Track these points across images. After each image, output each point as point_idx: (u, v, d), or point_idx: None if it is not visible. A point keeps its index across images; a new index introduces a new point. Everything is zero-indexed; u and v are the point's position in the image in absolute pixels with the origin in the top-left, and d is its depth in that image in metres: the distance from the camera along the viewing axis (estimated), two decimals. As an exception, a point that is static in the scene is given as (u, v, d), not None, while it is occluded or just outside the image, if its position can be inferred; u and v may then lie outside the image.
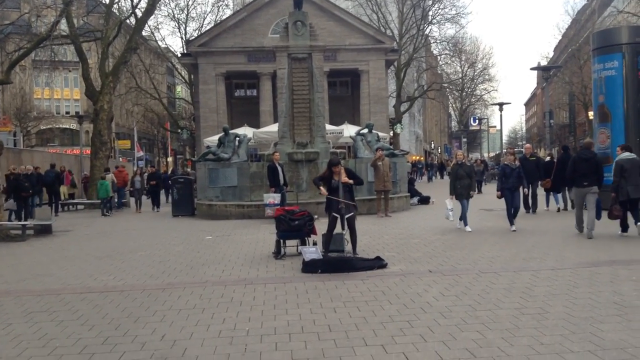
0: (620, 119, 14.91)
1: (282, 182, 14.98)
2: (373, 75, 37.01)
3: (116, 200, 22.71)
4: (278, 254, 9.44)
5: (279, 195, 13.92)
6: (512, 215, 12.01)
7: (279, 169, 14.99)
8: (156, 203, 22.21)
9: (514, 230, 11.58)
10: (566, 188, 14.56)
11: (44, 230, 14.25)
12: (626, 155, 10.57)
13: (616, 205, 10.23)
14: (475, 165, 23.56)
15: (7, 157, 20.59)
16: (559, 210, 15.57)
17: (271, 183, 14.97)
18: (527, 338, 4.87)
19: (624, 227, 10.46)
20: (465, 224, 12.12)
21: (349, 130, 25.33)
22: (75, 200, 24.94)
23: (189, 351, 4.85)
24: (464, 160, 13.11)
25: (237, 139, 18.75)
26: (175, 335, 5.32)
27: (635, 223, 10.38)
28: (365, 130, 19.26)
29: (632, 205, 10.42)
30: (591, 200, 10.55)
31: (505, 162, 12.60)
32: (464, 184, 12.24)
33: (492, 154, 29.20)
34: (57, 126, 58.24)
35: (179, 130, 45.21)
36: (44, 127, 54.98)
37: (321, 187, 9.21)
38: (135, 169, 32.77)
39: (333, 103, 35.64)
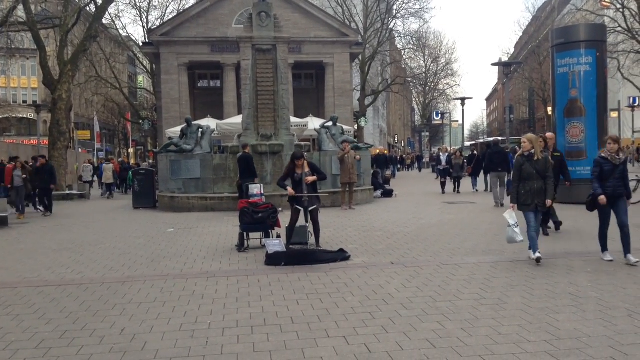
0: (594, 114, 15.38)
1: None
2: (338, 68, 37.04)
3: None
4: (241, 246, 9.39)
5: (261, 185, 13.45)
6: (605, 237, 7.83)
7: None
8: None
9: (611, 260, 7.69)
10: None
11: (0, 223, 13.78)
12: None
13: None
14: (454, 158, 22.15)
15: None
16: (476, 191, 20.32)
17: (249, 173, 14.42)
18: (486, 328, 4.98)
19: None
20: (534, 250, 7.70)
21: (314, 122, 25.34)
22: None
23: (149, 345, 4.79)
24: (532, 151, 7.83)
25: (200, 130, 18.53)
26: (135, 329, 5.25)
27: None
28: (330, 123, 19.29)
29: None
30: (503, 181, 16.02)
31: (602, 155, 7.89)
32: (533, 189, 7.73)
33: (454, 148, 29.73)
34: (14, 115, 56.46)
35: (141, 121, 44.38)
36: (0, 117, 53.21)
37: (288, 188, 9.18)
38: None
39: (298, 95, 35.55)
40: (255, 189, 10.93)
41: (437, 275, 7.12)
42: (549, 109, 37.03)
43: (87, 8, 29.32)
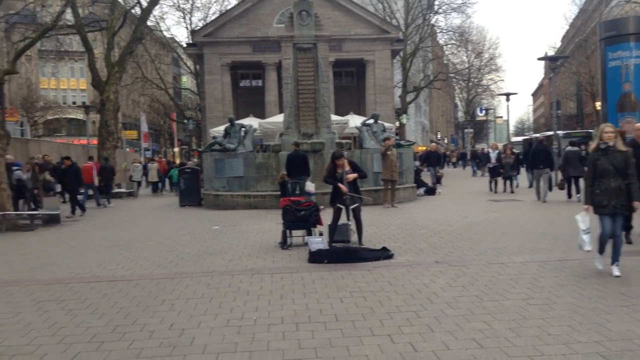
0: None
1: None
2: (379, 65, 36.87)
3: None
4: (284, 244, 9.47)
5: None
6: None
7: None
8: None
9: None
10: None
11: (52, 220, 14.32)
12: None
13: None
14: (504, 156, 20.20)
15: (15, 148, 20.66)
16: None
17: (301, 171, 14.42)
18: (535, 329, 4.87)
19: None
20: (614, 260, 6.75)
21: (355, 120, 25.29)
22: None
23: (197, 340, 4.89)
24: (613, 144, 6.72)
25: (243, 129, 18.76)
26: (184, 324, 5.36)
27: None
28: (371, 121, 19.21)
29: None
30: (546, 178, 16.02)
31: None
32: (609, 188, 6.65)
33: (500, 145, 28.68)
34: (64, 116, 58.39)
35: (185, 121, 45.25)
36: (51, 117, 55.14)
37: (340, 185, 9.15)
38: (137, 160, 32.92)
39: (338, 93, 35.56)
40: (309, 186, 10.99)
41: (483, 274, 7.01)
42: (597, 103, 35.74)
43: (133, 10, 30.06)
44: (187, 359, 4.48)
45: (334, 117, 22.56)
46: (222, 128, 22.01)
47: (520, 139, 54.43)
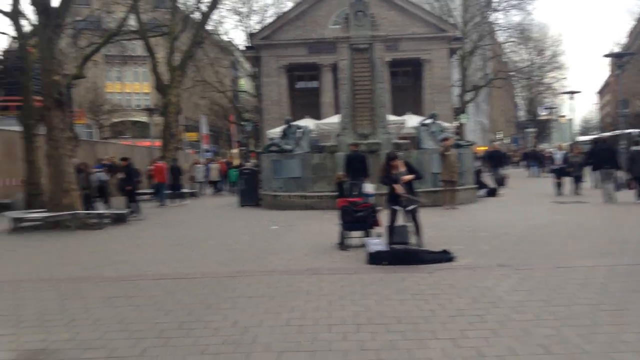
0: None
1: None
2: (436, 64, 36.34)
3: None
4: (342, 245, 9.47)
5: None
6: None
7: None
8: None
9: None
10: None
11: (119, 219, 14.88)
12: None
13: None
14: (571, 155, 19.65)
15: (83, 150, 21.62)
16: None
17: (359, 172, 14.42)
18: (606, 335, 4.68)
19: None
20: None
21: (412, 120, 25.00)
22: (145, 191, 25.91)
23: (259, 338, 4.96)
24: None
25: (300, 130, 18.92)
26: (246, 322, 5.45)
27: None
28: (429, 121, 18.96)
29: None
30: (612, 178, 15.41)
31: None
32: None
33: (564, 144, 27.21)
34: (129, 119, 60.52)
35: (243, 123, 46.02)
36: (116, 120, 57.26)
37: (395, 185, 9.07)
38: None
39: (395, 93, 35.28)
40: (368, 187, 10.97)
41: (550, 278, 6.77)
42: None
43: (193, 15, 30.87)
44: (251, 356, 4.55)
45: (390, 118, 22.40)
46: (279, 129, 22.26)
47: (587, 138, 52.38)
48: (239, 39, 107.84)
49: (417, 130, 19.21)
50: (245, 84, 69.92)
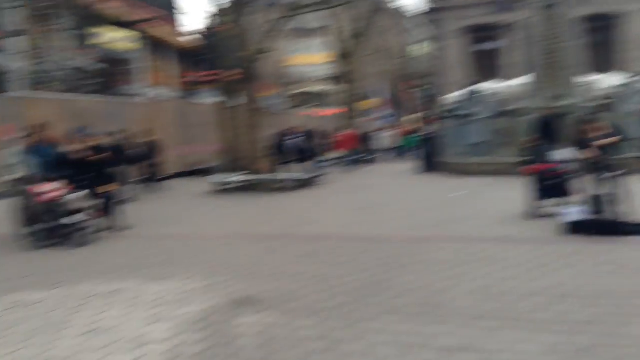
0: None
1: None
2: (637, 17, 32.18)
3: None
4: (532, 213, 9.02)
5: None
6: None
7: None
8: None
9: None
10: None
11: (306, 184, 15.74)
12: None
13: None
14: None
15: (270, 120, 23.10)
16: None
17: (551, 137, 13.76)
18: None
19: None
20: None
21: (609, 80, 22.58)
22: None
23: (457, 302, 4.99)
24: None
25: (482, 94, 18.19)
26: (439, 285, 5.51)
27: None
28: (631, 80, 17.02)
29: None
30: None
31: None
32: None
33: None
34: (311, 89, 63.25)
35: (422, 88, 45.47)
36: (299, 91, 60.24)
37: (590, 151, 8.36)
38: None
39: (590, 51, 32.01)
40: (563, 153, 10.27)
41: None
42: None
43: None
44: (447, 319, 4.61)
45: (584, 78, 20.50)
46: (459, 93, 21.60)
47: None
48: (412, 4, 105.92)
49: (614, 91, 17.40)
50: (423, 48, 68.73)
